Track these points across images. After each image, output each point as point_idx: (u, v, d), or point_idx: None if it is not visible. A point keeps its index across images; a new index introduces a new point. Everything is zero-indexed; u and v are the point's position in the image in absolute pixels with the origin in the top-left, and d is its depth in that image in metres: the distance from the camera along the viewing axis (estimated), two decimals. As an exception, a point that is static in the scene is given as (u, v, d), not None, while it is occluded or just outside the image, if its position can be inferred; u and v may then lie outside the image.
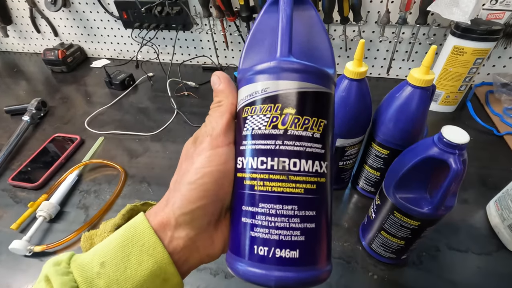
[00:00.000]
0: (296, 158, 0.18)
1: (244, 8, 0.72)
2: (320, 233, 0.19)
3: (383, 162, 0.45)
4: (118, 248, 0.19)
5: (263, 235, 0.18)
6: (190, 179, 0.19)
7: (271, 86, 0.19)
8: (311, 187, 0.19)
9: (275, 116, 0.18)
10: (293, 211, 0.18)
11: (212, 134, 0.20)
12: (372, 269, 0.43)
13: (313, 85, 0.19)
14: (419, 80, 0.36)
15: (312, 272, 0.18)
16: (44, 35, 1.00)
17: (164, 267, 0.19)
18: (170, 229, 0.20)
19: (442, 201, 0.31)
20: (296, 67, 0.19)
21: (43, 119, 0.75)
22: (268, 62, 0.19)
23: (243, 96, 0.20)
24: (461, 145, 0.28)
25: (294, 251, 0.18)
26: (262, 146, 0.19)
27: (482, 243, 0.45)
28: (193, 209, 0.19)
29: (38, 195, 0.54)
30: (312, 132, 0.19)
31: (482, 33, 0.55)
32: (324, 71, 0.20)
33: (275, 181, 0.18)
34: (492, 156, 0.58)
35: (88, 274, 0.18)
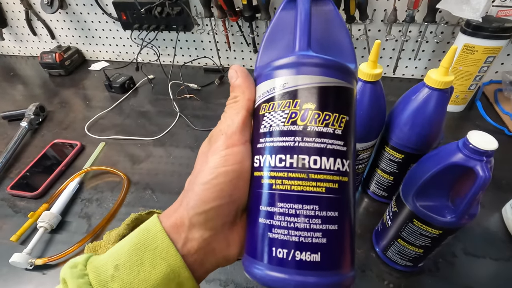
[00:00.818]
0: (316, 156, 0.17)
1: (246, 7, 0.70)
2: (343, 236, 0.18)
3: (397, 167, 0.43)
4: (131, 251, 0.19)
5: (282, 237, 0.17)
6: (205, 179, 0.19)
7: (290, 81, 0.18)
8: (333, 186, 0.17)
9: (294, 112, 0.18)
10: (314, 211, 0.17)
11: (227, 133, 0.19)
12: (388, 277, 0.41)
13: (334, 80, 0.18)
14: (438, 82, 0.34)
15: (335, 278, 0.17)
16: (41, 37, 0.98)
17: (178, 270, 0.18)
18: (184, 230, 0.19)
19: (467, 210, 0.29)
20: (315, 61, 0.18)
21: (42, 125, 0.73)
22: (287, 57, 0.18)
23: (261, 92, 0.20)
24: (489, 152, 0.27)
25: (316, 254, 0.17)
26: (280, 143, 0.18)
27: (499, 248, 0.44)
28: (207, 210, 0.19)
29: (38, 205, 0.52)
30: (333, 128, 0.18)
31: (494, 30, 0.54)
32: (345, 65, 0.19)
33: (294, 179, 0.17)
34: (505, 157, 0.57)
35: (102, 277, 0.18)
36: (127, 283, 0.18)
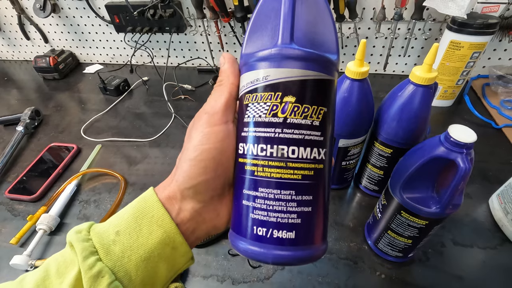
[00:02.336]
0: (294, 146, 0.19)
1: (238, 8, 0.71)
2: (316, 216, 0.20)
3: (387, 161, 0.45)
4: (130, 219, 0.20)
5: (262, 217, 0.19)
6: (190, 156, 0.20)
7: (272, 74, 0.19)
8: (309, 173, 0.19)
9: (275, 105, 0.19)
10: (291, 196, 0.19)
11: (210, 112, 0.21)
12: (380, 268, 0.43)
13: (314, 73, 0.19)
14: (422, 79, 0.36)
15: (307, 251, 0.19)
16: (34, 42, 0.98)
17: (173, 236, 0.20)
18: (177, 202, 0.21)
19: (450, 200, 0.31)
20: (297, 54, 0.18)
21: (38, 129, 0.73)
22: (270, 49, 0.19)
23: (245, 82, 0.20)
24: (469, 144, 0.28)
25: (291, 232, 0.19)
26: (262, 134, 0.19)
27: (486, 237, 0.45)
28: (195, 184, 0.21)
29: (36, 208, 0.53)
30: (311, 120, 0.19)
31: (478, 27, 0.55)
32: (327, 57, 0.19)
33: (274, 168, 0.19)
34: (492, 149, 0.58)
35: (105, 241, 0.19)
36: (127, 247, 0.19)
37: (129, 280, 0.19)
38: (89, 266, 0.18)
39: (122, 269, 0.19)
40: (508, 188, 0.45)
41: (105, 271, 0.18)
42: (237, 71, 0.22)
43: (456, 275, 0.41)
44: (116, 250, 0.19)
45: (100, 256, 0.19)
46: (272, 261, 0.19)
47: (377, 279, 0.42)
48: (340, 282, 0.41)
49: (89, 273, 0.18)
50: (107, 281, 0.18)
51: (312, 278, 0.42)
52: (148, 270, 0.20)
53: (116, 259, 0.19)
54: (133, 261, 0.19)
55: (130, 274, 0.19)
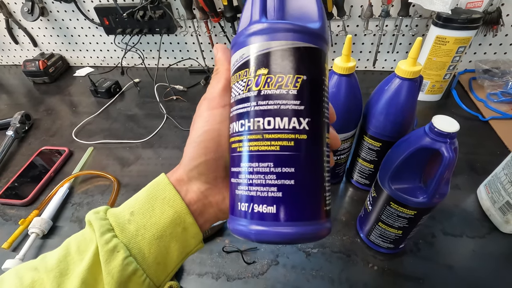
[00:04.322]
0: (269, 117, 0.18)
1: (228, 8, 0.72)
2: (301, 190, 0.18)
3: (376, 155, 0.45)
4: (144, 200, 0.22)
5: (244, 192, 0.19)
6: (192, 139, 0.22)
7: (245, 52, 0.19)
8: (288, 144, 0.18)
9: (249, 79, 0.19)
10: (269, 168, 0.18)
11: (208, 97, 0.22)
12: (372, 260, 0.43)
13: (286, 42, 0.19)
14: (407, 72, 0.36)
15: (294, 228, 0.18)
16: (23, 45, 0.97)
17: (183, 216, 0.22)
18: (185, 184, 0.22)
19: (437, 189, 0.31)
20: (266, 27, 0.19)
21: (28, 133, 0.72)
22: (245, 29, 0.19)
23: (232, 64, 0.21)
24: (452, 134, 0.29)
25: (271, 206, 0.18)
26: (240, 110, 0.19)
27: (475, 226, 0.47)
28: (197, 165, 0.22)
29: (28, 212, 0.52)
30: (287, 89, 0.18)
31: (463, 22, 0.57)
32: (299, 25, 0.19)
33: (252, 141, 0.19)
34: (479, 141, 0.60)
35: (120, 220, 0.21)
36: (141, 225, 0.21)
37: (142, 257, 0.20)
38: (105, 241, 0.20)
39: (136, 246, 0.20)
40: (495, 178, 0.46)
41: (120, 246, 0.20)
42: (229, 57, 0.22)
43: (446, 264, 0.42)
44: (131, 228, 0.21)
45: (116, 233, 0.20)
46: (255, 237, 0.18)
47: (370, 271, 0.42)
48: (334, 275, 0.42)
49: (105, 247, 0.19)
50: (122, 256, 0.19)
51: (306, 272, 0.42)
52: (161, 248, 0.21)
53: (131, 237, 0.20)
54: (147, 239, 0.20)
55: (143, 251, 0.20)
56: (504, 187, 0.43)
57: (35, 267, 0.20)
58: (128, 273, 0.20)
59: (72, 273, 0.20)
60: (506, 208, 0.43)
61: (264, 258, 0.44)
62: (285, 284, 0.41)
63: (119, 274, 0.19)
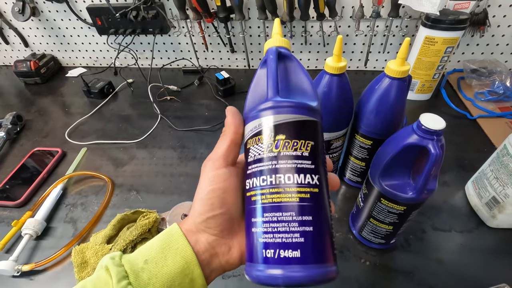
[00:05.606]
0: (289, 173, 0.22)
1: (221, 9, 0.72)
2: (318, 236, 0.21)
3: (367, 152, 0.46)
4: (158, 250, 0.23)
5: (269, 240, 0.21)
6: (199, 196, 0.24)
7: (265, 121, 0.23)
8: (305, 196, 0.22)
9: (270, 143, 0.23)
10: (292, 217, 0.21)
11: (213, 159, 0.25)
12: (364, 256, 0.44)
13: (298, 116, 0.23)
14: (396, 72, 0.37)
15: (316, 270, 0.21)
16: (14, 46, 0.96)
17: (192, 267, 0.23)
18: (194, 234, 0.24)
19: (425, 185, 0.32)
20: (283, 104, 0.23)
21: (20, 134, 0.72)
22: (262, 103, 0.24)
23: (247, 131, 0.25)
24: (438, 131, 0.30)
25: (296, 251, 0.21)
26: (262, 167, 0.23)
27: (463, 221, 0.48)
28: (205, 219, 0.24)
29: (21, 213, 0.52)
30: (301, 152, 0.23)
31: (450, 22, 0.58)
32: (306, 104, 0.24)
33: (274, 194, 0.22)
34: (467, 139, 0.61)
35: (135, 268, 0.22)
36: (153, 274, 0.22)
37: None
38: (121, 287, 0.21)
39: None
40: (482, 174, 0.47)
41: None
42: (237, 121, 0.26)
43: (436, 258, 0.44)
44: (144, 276, 0.22)
45: (131, 281, 0.21)
46: (283, 282, 0.20)
47: (362, 266, 0.43)
48: (327, 270, 0.43)
49: None
50: None
51: (300, 268, 0.43)
52: None
53: (144, 285, 0.22)
54: None
55: None
56: (490, 183, 0.45)
57: None
58: None
59: None
60: (493, 203, 0.44)
61: (259, 256, 0.45)
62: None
63: None
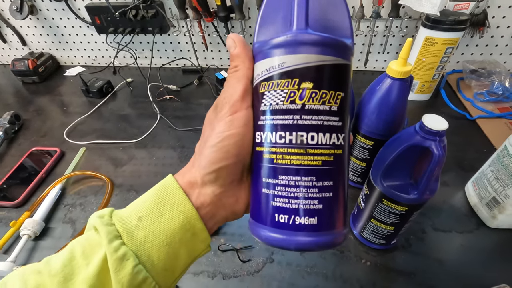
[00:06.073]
0: (313, 132, 0.19)
1: (221, 8, 0.72)
2: (337, 201, 0.20)
3: (368, 153, 0.46)
4: (152, 205, 0.21)
5: (284, 204, 0.19)
6: (212, 143, 0.21)
7: (288, 61, 0.19)
8: (329, 159, 0.19)
9: (292, 91, 0.19)
10: (312, 182, 0.19)
11: (230, 101, 0.21)
12: (365, 256, 0.44)
13: (331, 58, 0.19)
14: (398, 72, 0.37)
15: (329, 236, 0.19)
16: (11, 44, 0.95)
17: (193, 222, 0.21)
18: (197, 187, 0.22)
19: (427, 186, 0.32)
20: (313, 39, 0.18)
21: (18, 134, 0.71)
22: (285, 36, 0.19)
23: (260, 70, 0.20)
24: (441, 132, 0.30)
25: (313, 218, 0.19)
26: (280, 121, 0.19)
27: (463, 222, 0.48)
28: (216, 169, 0.21)
29: (20, 213, 0.52)
30: (329, 106, 0.19)
31: (451, 23, 0.58)
32: (342, 42, 0.19)
33: (293, 155, 0.19)
34: (467, 140, 0.61)
35: (127, 226, 0.20)
36: (149, 232, 0.20)
37: (151, 265, 0.20)
38: (114, 248, 0.19)
39: (145, 254, 0.20)
40: (482, 175, 0.48)
41: (129, 254, 0.19)
42: (250, 53, 0.21)
43: (437, 258, 0.44)
44: (139, 235, 0.20)
45: (124, 240, 0.20)
46: (295, 247, 0.19)
47: (363, 266, 0.43)
48: (328, 271, 0.43)
49: (114, 255, 0.19)
50: (131, 264, 0.19)
51: (300, 269, 0.43)
52: (170, 255, 0.20)
53: (139, 244, 0.20)
54: (156, 246, 0.20)
55: (152, 258, 0.20)
56: (491, 183, 0.45)
57: (39, 271, 0.20)
58: (138, 281, 0.19)
59: (77, 278, 0.19)
60: (493, 203, 0.44)
61: (260, 256, 0.44)
62: (281, 281, 0.42)
63: (129, 283, 0.19)
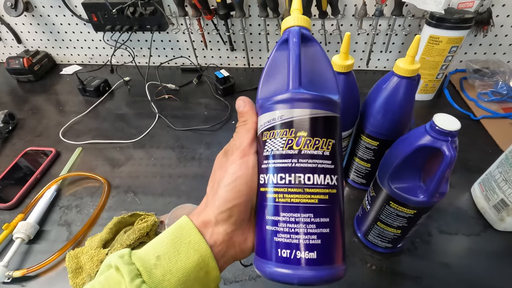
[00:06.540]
0: (310, 173, 0.21)
1: (221, 6, 0.71)
2: (334, 237, 0.21)
3: (373, 154, 0.45)
4: (169, 244, 0.22)
5: (286, 240, 0.21)
6: (226, 183, 0.23)
7: (286, 114, 0.22)
8: (324, 197, 0.21)
9: (290, 139, 0.22)
10: (310, 219, 0.21)
11: (240, 147, 0.24)
12: (370, 260, 0.43)
13: (321, 111, 0.22)
14: (406, 70, 0.36)
15: (329, 271, 0.21)
16: (6, 42, 0.93)
17: (207, 260, 0.22)
18: (211, 226, 0.23)
19: (437, 188, 0.31)
20: (305, 97, 0.22)
21: (12, 133, 0.69)
22: (283, 94, 0.22)
23: (263, 122, 0.24)
24: (453, 132, 0.28)
25: (313, 252, 0.20)
26: (280, 164, 0.22)
27: (470, 224, 0.47)
28: (230, 208, 0.23)
29: (13, 216, 0.50)
30: (322, 151, 0.22)
31: (456, 21, 0.57)
32: (330, 98, 0.23)
33: (293, 194, 0.21)
34: (471, 140, 0.60)
35: (147, 265, 0.21)
36: (167, 270, 0.21)
37: None
38: (136, 287, 0.20)
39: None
40: (489, 176, 0.46)
41: None
42: (255, 111, 0.25)
43: (443, 262, 0.42)
44: (158, 273, 0.21)
45: (144, 279, 0.20)
46: (298, 282, 0.20)
47: (368, 270, 0.42)
48: (332, 275, 0.41)
49: None
50: None
51: (304, 274, 0.41)
52: None
53: (158, 282, 0.21)
54: (173, 284, 0.21)
55: None
56: (499, 185, 0.44)
57: None
58: None
59: None
60: (501, 206, 0.43)
61: (262, 260, 0.43)
62: (283, 286, 0.40)
63: None
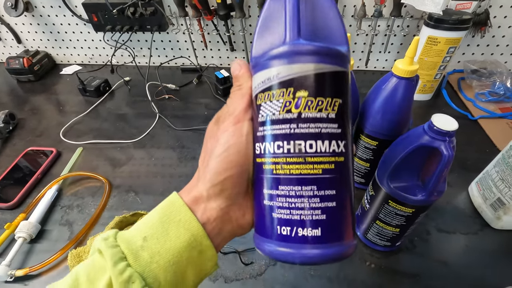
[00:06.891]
0: (311, 140, 0.18)
1: (221, 6, 0.71)
2: (342, 211, 0.19)
3: (372, 153, 0.46)
4: (157, 224, 0.21)
5: (285, 216, 0.19)
6: (217, 153, 0.21)
7: (283, 71, 0.19)
8: (329, 167, 0.18)
9: (288, 101, 0.18)
10: (313, 192, 0.18)
11: (233, 113, 0.22)
12: (369, 258, 0.44)
13: (325, 65, 0.19)
14: (404, 71, 0.37)
15: (336, 248, 0.19)
16: (6, 42, 0.93)
17: (200, 239, 0.20)
18: (203, 201, 0.21)
19: (435, 187, 0.32)
20: (305, 49, 0.18)
21: (13, 133, 0.69)
22: (278, 47, 0.19)
23: (257, 83, 0.20)
24: (451, 132, 0.29)
25: (316, 229, 0.18)
26: (277, 131, 0.19)
27: (467, 223, 0.48)
28: (222, 180, 0.21)
29: (15, 215, 0.50)
30: (327, 113, 0.19)
31: (454, 22, 0.58)
32: (335, 49, 0.19)
33: (293, 164, 0.18)
34: (469, 140, 0.61)
35: (133, 246, 0.20)
36: (155, 252, 0.19)
37: (158, 285, 0.19)
38: (119, 271, 0.18)
39: (151, 275, 0.19)
40: (486, 175, 0.47)
41: (135, 276, 0.19)
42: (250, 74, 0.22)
43: (441, 260, 0.43)
44: (145, 255, 0.19)
45: (129, 262, 0.19)
46: (300, 261, 0.18)
47: (367, 269, 0.43)
48: (332, 274, 0.42)
49: (119, 278, 0.18)
50: (138, 287, 0.18)
51: (304, 272, 0.42)
52: (177, 274, 0.20)
53: (145, 265, 0.19)
54: (162, 266, 0.19)
55: (159, 279, 0.19)
56: (496, 184, 0.44)
57: None
58: None
59: None
60: (498, 204, 0.44)
61: (262, 259, 0.44)
62: (284, 284, 0.41)
63: None
